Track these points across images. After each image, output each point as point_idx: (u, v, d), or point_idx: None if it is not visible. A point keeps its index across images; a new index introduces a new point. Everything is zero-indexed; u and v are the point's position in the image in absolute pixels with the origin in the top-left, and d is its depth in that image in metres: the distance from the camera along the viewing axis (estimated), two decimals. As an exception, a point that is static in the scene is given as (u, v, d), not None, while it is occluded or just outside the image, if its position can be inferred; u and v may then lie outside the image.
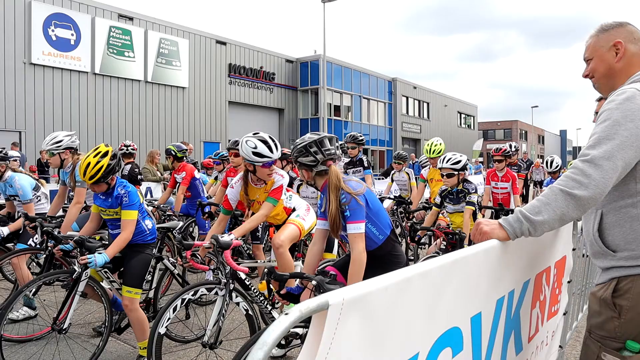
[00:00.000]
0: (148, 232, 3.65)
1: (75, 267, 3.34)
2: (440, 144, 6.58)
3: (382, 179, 18.47)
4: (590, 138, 1.76)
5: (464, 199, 4.63)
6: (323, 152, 2.70)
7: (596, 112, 3.62)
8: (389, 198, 8.48)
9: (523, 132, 66.15)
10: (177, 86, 22.57)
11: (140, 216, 3.60)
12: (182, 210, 6.15)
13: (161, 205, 5.72)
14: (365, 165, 6.75)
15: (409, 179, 8.21)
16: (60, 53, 18.36)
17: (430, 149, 6.51)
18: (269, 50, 27.79)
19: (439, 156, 6.39)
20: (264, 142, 3.46)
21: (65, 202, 5.04)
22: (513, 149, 8.66)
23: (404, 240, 7.74)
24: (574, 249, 3.21)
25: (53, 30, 18.10)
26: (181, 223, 4.29)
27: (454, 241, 4.47)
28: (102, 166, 3.36)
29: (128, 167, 6.40)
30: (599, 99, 3.65)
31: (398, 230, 8.07)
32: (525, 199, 15.47)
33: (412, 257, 6.81)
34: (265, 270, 2.60)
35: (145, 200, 7.15)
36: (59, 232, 3.85)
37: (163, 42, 21.93)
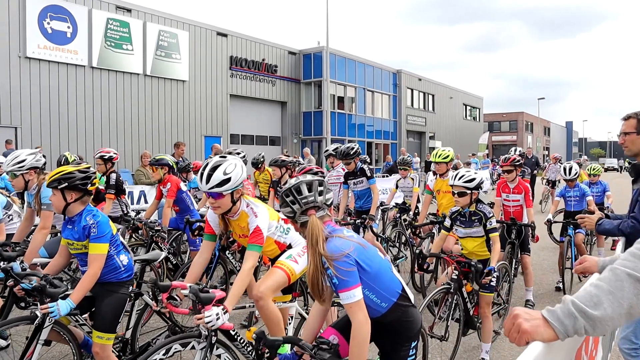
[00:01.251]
0: (123, 268, 3.23)
1: (37, 313, 2.93)
2: (449, 150, 6.13)
3: (387, 176, 18.02)
4: None
5: (478, 223, 4.17)
6: (300, 202, 2.25)
7: (625, 133, 3.15)
8: (393, 206, 8.06)
9: (529, 123, 65.33)
10: (177, 79, 22.07)
11: (113, 250, 3.18)
12: (171, 224, 5.74)
13: (148, 222, 5.29)
14: (368, 174, 6.27)
15: (413, 185, 7.78)
16: (56, 46, 17.88)
17: (436, 153, 6.05)
18: (271, 42, 27.21)
19: (445, 161, 5.94)
20: (215, 167, 2.96)
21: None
22: (517, 154, 8.03)
23: (408, 250, 7.33)
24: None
25: (49, 23, 17.61)
26: (164, 254, 3.86)
27: (467, 269, 4.05)
28: (65, 171, 3.07)
29: (114, 175, 5.97)
30: (627, 118, 3.18)
31: (402, 239, 7.65)
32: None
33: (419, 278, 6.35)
34: (254, 336, 2.19)
35: (134, 210, 6.77)
36: (22, 263, 3.44)
37: (162, 35, 21.41)
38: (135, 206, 9.38)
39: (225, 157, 3.04)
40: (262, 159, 7.63)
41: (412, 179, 7.81)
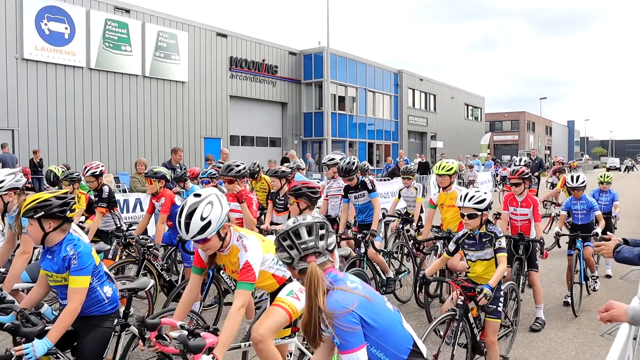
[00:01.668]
0: (107, 301, 3.01)
1: (12, 352, 2.72)
2: (453, 162, 5.91)
3: (388, 179, 17.76)
4: None
5: (489, 243, 3.95)
6: (298, 247, 2.01)
7: None
8: (395, 216, 7.84)
9: (530, 123, 64.98)
10: (176, 81, 21.86)
11: (96, 282, 2.96)
12: (164, 240, 5.52)
13: (140, 238, 5.07)
14: (370, 187, 6.01)
15: (417, 195, 7.55)
16: (54, 48, 17.67)
17: (439, 166, 5.83)
18: (272, 43, 26.98)
19: (448, 174, 5.72)
20: (190, 214, 2.69)
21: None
22: (524, 164, 7.72)
23: (411, 261, 7.11)
24: None
25: (46, 24, 17.40)
26: (152, 281, 3.64)
27: (473, 293, 3.83)
28: (40, 198, 2.84)
29: (106, 188, 5.77)
30: None
31: (405, 251, 7.42)
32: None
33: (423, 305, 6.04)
34: None
35: (126, 223, 6.54)
36: (1, 291, 3.23)
37: (161, 35, 21.19)
38: (130, 214, 9.18)
39: (199, 195, 2.77)
40: (257, 168, 7.39)
41: (416, 189, 7.58)
